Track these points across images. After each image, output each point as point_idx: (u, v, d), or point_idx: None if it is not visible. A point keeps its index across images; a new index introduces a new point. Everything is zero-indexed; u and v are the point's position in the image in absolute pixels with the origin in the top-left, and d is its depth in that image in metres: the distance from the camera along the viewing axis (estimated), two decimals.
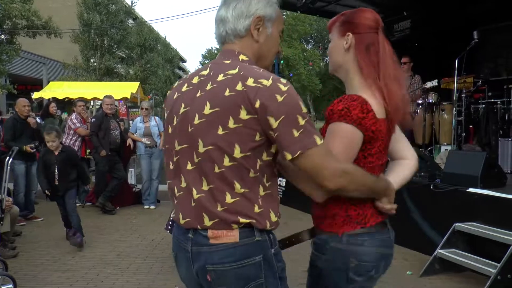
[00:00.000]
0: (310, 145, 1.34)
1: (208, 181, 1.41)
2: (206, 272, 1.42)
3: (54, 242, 5.36)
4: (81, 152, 7.63)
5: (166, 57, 34.87)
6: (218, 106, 1.38)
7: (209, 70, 1.50)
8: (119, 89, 12.24)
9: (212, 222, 1.40)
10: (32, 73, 23.06)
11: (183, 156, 1.46)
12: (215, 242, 1.40)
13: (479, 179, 4.44)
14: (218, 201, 1.40)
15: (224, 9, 1.53)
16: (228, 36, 1.53)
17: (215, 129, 1.37)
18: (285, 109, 1.33)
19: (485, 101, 6.86)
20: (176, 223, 1.56)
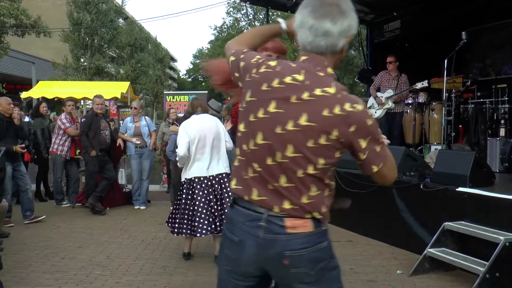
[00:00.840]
0: (386, 157, 1.61)
1: (288, 180, 1.57)
2: (283, 257, 1.58)
3: (43, 243, 5.31)
4: (71, 152, 7.57)
5: (157, 56, 34.72)
6: (315, 122, 1.53)
7: (303, 76, 1.57)
8: (109, 88, 12.13)
9: (291, 207, 1.57)
10: (21, 72, 22.82)
11: (263, 149, 1.60)
12: (293, 232, 1.58)
13: (468, 178, 4.47)
14: (296, 197, 1.58)
15: (330, 23, 1.57)
16: (326, 49, 1.60)
17: (307, 141, 1.54)
18: (372, 131, 1.56)
19: (474, 101, 6.91)
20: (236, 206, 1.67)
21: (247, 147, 1.63)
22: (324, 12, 1.57)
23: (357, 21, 1.64)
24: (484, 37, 7.67)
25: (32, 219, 6.26)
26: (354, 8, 1.63)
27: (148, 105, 33.41)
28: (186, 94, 11.68)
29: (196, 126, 4.56)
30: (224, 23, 49.99)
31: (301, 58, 1.63)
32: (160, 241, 5.49)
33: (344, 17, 1.58)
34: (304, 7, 1.62)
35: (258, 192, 1.60)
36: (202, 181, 4.48)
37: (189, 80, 58.41)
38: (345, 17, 1.58)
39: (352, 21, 1.60)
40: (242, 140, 1.66)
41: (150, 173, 7.72)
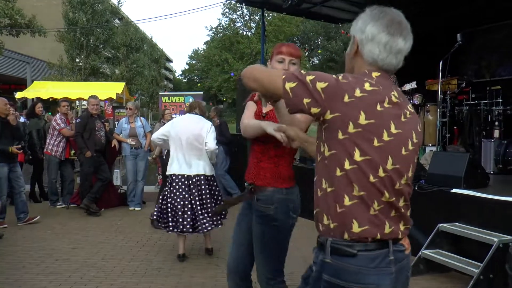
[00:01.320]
0: None
1: (404, 199, 1.55)
2: (408, 279, 1.58)
3: (37, 245, 5.28)
4: (66, 153, 7.53)
5: (152, 57, 34.63)
6: (418, 139, 1.58)
7: (397, 94, 1.53)
8: (105, 89, 12.11)
9: (404, 227, 1.56)
10: (16, 72, 22.71)
11: (395, 175, 1.49)
12: (408, 252, 1.58)
13: (463, 179, 4.49)
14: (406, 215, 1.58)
15: (403, 41, 1.54)
16: (395, 67, 1.57)
17: (415, 158, 1.58)
18: None
19: (468, 102, 6.95)
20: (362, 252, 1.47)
21: (374, 176, 1.46)
22: (397, 29, 1.52)
23: None
24: (479, 39, 7.72)
25: (26, 221, 6.22)
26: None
27: (143, 105, 33.31)
28: (182, 95, 11.67)
29: (180, 125, 4.75)
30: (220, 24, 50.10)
31: (374, 74, 1.53)
32: (155, 243, 5.48)
33: (410, 35, 1.56)
34: (375, 20, 1.53)
35: (389, 224, 1.49)
36: (180, 179, 4.67)
37: (184, 80, 58.35)
38: (411, 35, 1.56)
39: (412, 42, 1.58)
40: (366, 170, 1.45)
41: (145, 174, 7.70)
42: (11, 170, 6.07)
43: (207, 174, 4.74)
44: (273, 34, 37.29)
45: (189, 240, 5.34)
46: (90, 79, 22.05)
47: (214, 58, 45.73)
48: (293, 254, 4.91)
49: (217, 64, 44.75)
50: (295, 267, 4.42)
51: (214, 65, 45.72)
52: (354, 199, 1.45)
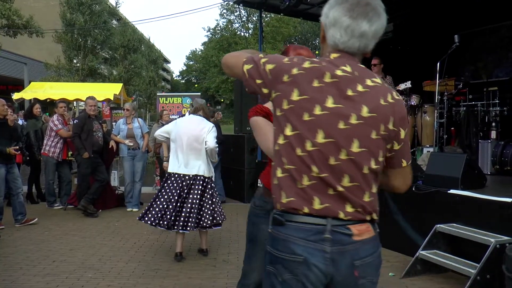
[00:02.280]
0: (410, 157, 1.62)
1: (351, 179, 1.47)
2: (353, 268, 1.48)
3: (34, 246, 5.27)
4: (63, 154, 7.52)
5: (150, 58, 34.61)
6: (375, 112, 1.47)
7: (350, 68, 1.51)
8: (102, 90, 12.07)
9: (353, 210, 1.48)
10: (13, 73, 22.64)
11: (326, 149, 1.46)
12: (360, 239, 1.48)
13: (460, 180, 4.50)
14: (358, 197, 1.49)
15: (367, 24, 1.51)
16: (358, 50, 1.55)
17: (371, 133, 1.47)
18: (407, 123, 1.58)
19: (466, 103, 6.97)
20: (290, 223, 1.50)
21: (302, 150, 1.47)
22: (361, 12, 1.50)
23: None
24: (476, 41, 7.75)
25: (24, 223, 6.21)
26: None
27: (141, 106, 33.30)
28: (179, 96, 11.66)
29: (182, 125, 4.83)
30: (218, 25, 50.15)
31: (332, 55, 1.55)
32: (152, 244, 5.47)
33: (379, 18, 1.53)
34: (339, 4, 1.53)
35: (320, 200, 1.47)
36: (176, 178, 4.76)
37: (182, 81, 58.34)
38: (380, 17, 1.53)
39: (385, 22, 1.55)
40: (293, 144, 1.48)
41: (143, 175, 7.69)
42: (8, 171, 6.06)
43: (204, 175, 4.77)
44: (270, 35, 37.32)
45: (187, 241, 5.34)
46: (87, 80, 22.02)
47: (211, 59, 45.77)
48: None
49: (214, 65, 44.77)
50: None
51: (212, 66, 45.75)
52: (284, 172, 1.50)
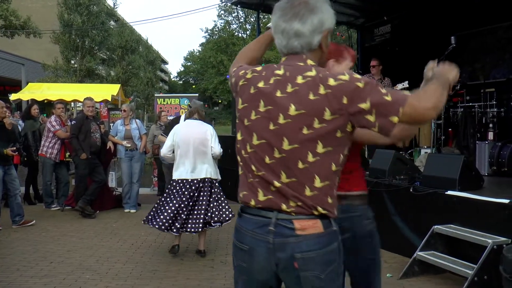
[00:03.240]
0: (405, 98, 1.49)
1: (288, 175, 1.54)
2: (294, 260, 1.55)
3: (31, 247, 5.25)
4: (61, 155, 7.50)
5: (148, 59, 34.63)
6: (304, 108, 1.51)
7: (283, 70, 1.59)
8: (100, 91, 12.08)
9: (295, 204, 1.54)
10: (10, 73, 22.59)
11: (261, 150, 1.58)
12: (302, 233, 1.54)
13: (458, 181, 4.51)
14: (298, 191, 1.54)
15: (299, 23, 1.57)
16: (301, 49, 1.61)
17: (301, 129, 1.51)
18: (368, 90, 1.49)
19: (463, 104, 6.99)
20: (245, 214, 1.65)
21: (245, 152, 1.63)
22: (293, 14, 1.58)
23: (332, 14, 1.63)
24: (473, 42, 7.76)
25: (21, 224, 6.20)
26: (327, 1, 1.62)
27: (139, 107, 33.27)
28: (177, 97, 11.66)
29: (183, 131, 4.82)
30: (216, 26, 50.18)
31: (282, 59, 1.66)
32: (150, 245, 5.46)
33: (313, 14, 1.58)
34: (275, 13, 1.63)
35: (263, 193, 1.58)
36: (184, 184, 4.75)
37: (180, 82, 58.32)
38: (314, 13, 1.58)
39: (323, 16, 1.59)
40: (240, 147, 1.66)
41: (141, 176, 7.68)
42: (6, 173, 6.05)
43: (212, 178, 4.83)
44: None
45: (185, 242, 5.34)
46: (85, 81, 22.00)
47: (209, 60, 45.80)
48: None
49: (212, 66, 44.82)
50: None
51: (210, 67, 45.77)
52: (241, 170, 1.68)
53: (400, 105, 1.48)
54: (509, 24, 7.17)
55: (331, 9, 1.63)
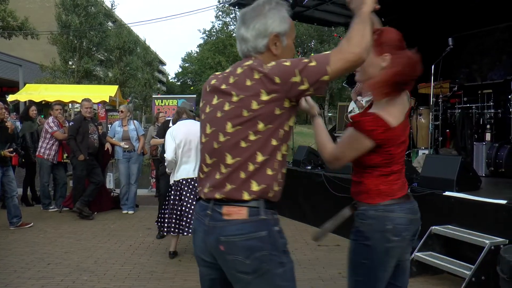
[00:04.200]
0: (327, 57, 1.59)
1: (233, 155, 1.67)
2: (219, 243, 1.67)
3: (28, 249, 5.24)
4: (58, 156, 7.49)
5: (146, 60, 34.61)
6: (242, 94, 1.66)
7: (231, 68, 1.79)
8: (98, 92, 12.07)
9: (231, 187, 1.67)
10: (8, 74, 22.53)
11: (211, 137, 1.74)
12: (228, 218, 1.66)
13: (455, 182, 4.52)
14: (234, 177, 1.67)
15: (244, 29, 1.75)
16: (249, 52, 1.76)
17: (242, 113, 1.65)
18: (294, 64, 1.60)
19: (460, 106, 7.01)
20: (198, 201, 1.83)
21: (201, 143, 1.82)
22: (241, 21, 1.76)
23: (280, 18, 1.73)
24: (470, 43, 7.79)
25: (19, 226, 6.18)
26: (277, 7, 1.73)
27: (136, 108, 33.23)
28: (175, 98, 11.64)
29: (182, 131, 4.77)
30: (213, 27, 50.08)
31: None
32: (148, 246, 5.46)
33: (256, 20, 1.72)
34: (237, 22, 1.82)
35: (210, 183, 1.73)
36: (189, 183, 4.71)
37: (178, 83, 58.25)
38: (258, 19, 1.72)
39: (267, 21, 1.72)
40: (200, 140, 1.85)
41: (138, 177, 7.67)
42: (4, 174, 6.03)
43: None
44: None
45: (183, 243, 5.34)
46: (83, 82, 21.98)
47: (207, 61, 45.74)
48: None
49: (210, 67, 44.74)
50: None
51: (208, 68, 45.69)
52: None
53: (325, 63, 1.58)
54: (506, 26, 7.21)
55: (284, 14, 1.74)
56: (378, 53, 1.96)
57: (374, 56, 1.95)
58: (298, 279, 1.78)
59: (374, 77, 1.96)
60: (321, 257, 4.95)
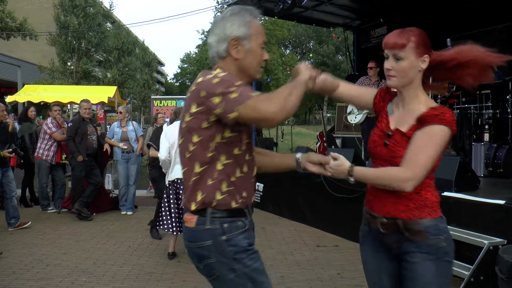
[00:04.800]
0: (246, 99, 1.58)
1: (183, 165, 1.81)
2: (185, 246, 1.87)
3: (27, 250, 5.23)
4: (57, 157, 7.48)
5: (144, 60, 34.56)
6: (185, 105, 1.79)
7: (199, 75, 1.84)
8: (96, 93, 12.05)
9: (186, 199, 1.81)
10: (6, 75, 22.53)
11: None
12: (186, 225, 1.81)
13: (454, 183, 4.53)
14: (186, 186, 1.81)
15: (210, 36, 1.83)
16: (214, 58, 1.84)
17: (182, 124, 1.80)
18: (221, 84, 1.63)
19: (459, 106, 7.01)
20: None
21: None
22: (210, 29, 1.87)
23: (240, 23, 1.77)
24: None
25: (17, 227, 6.17)
26: (240, 12, 1.78)
27: (135, 109, 33.20)
28: (174, 98, 11.63)
29: (176, 131, 4.69)
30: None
31: None
32: (147, 247, 5.45)
33: (216, 26, 1.81)
34: None
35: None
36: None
37: (176, 84, 58.21)
38: (217, 25, 1.80)
39: (226, 25, 1.78)
40: None
41: (137, 178, 7.67)
42: (3, 175, 6.03)
43: None
44: None
45: (181, 244, 5.32)
46: (81, 83, 21.97)
47: (206, 62, 45.69)
48: (287, 258, 4.92)
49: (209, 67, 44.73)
50: (287, 271, 4.42)
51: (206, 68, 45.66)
52: None
53: (239, 103, 1.58)
54: (504, 26, 7.22)
55: (245, 18, 1.78)
56: (418, 55, 1.84)
57: (415, 59, 1.83)
58: (296, 279, 1.80)
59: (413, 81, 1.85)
60: (320, 258, 4.95)
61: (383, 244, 1.92)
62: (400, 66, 1.83)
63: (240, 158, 1.75)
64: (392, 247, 1.89)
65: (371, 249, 1.98)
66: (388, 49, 1.86)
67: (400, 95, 1.92)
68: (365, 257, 2.04)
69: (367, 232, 1.99)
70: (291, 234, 6.00)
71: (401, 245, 1.85)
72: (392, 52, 1.84)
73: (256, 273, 1.75)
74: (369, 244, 1.98)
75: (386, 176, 1.78)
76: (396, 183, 1.74)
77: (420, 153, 1.75)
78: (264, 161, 1.99)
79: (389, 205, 1.85)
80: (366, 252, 2.02)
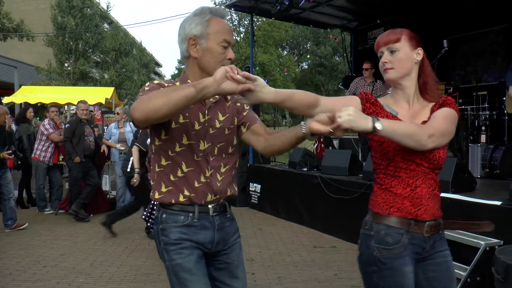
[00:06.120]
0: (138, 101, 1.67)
1: None
2: None
3: (24, 251, 5.22)
4: (54, 158, 7.47)
5: (142, 61, 34.50)
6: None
7: None
8: (94, 94, 12.05)
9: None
10: (3, 76, 22.43)
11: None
12: None
13: (450, 184, 4.54)
14: None
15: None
16: (183, 59, 1.92)
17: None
18: (143, 91, 1.78)
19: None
20: None
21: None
22: None
23: (196, 22, 1.80)
24: (465, 46, 7.83)
25: (14, 228, 6.15)
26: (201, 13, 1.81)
27: None
28: None
29: None
30: None
31: None
32: (144, 248, 5.45)
33: (180, 27, 1.86)
34: None
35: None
36: None
37: None
38: (180, 26, 1.86)
39: (185, 25, 1.83)
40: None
41: None
42: (1, 176, 6.02)
43: None
44: (262, 39, 37.34)
45: None
46: (79, 84, 21.90)
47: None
48: (284, 259, 4.92)
49: None
50: (285, 271, 4.43)
51: None
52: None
53: (136, 103, 1.67)
54: (501, 28, 7.25)
55: (204, 17, 1.80)
56: (413, 47, 1.89)
57: (410, 51, 1.88)
58: (294, 280, 1.80)
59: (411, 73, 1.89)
60: (317, 259, 4.95)
61: (420, 251, 1.92)
62: (397, 57, 1.86)
63: (179, 159, 1.83)
64: (427, 250, 1.94)
65: (411, 259, 1.90)
66: (382, 46, 1.88)
67: (403, 92, 1.92)
68: (405, 268, 1.89)
69: (407, 243, 1.89)
70: (289, 235, 6.01)
71: (434, 245, 1.96)
72: (386, 47, 1.87)
73: (178, 268, 1.82)
74: (409, 256, 1.89)
75: (411, 127, 1.73)
76: (419, 137, 1.69)
77: (440, 123, 1.78)
78: (280, 140, 1.91)
79: (433, 209, 1.98)
80: (407, 262, 1.89)
